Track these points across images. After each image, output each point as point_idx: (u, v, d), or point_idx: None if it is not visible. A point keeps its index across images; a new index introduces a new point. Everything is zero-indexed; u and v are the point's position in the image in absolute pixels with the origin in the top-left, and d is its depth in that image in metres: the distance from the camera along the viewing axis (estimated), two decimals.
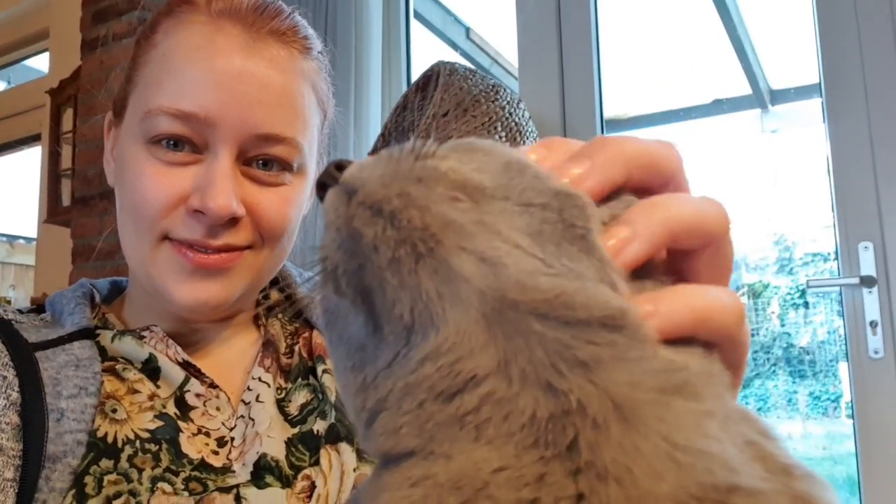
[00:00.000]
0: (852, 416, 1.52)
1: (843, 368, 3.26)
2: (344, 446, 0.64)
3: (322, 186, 0.31)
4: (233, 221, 0.62)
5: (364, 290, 0.27)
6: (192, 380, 0.65)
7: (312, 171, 0.70)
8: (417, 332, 0.26)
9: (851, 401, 1.53)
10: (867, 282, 1.53)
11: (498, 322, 0.25)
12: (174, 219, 0.62)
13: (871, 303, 1.53)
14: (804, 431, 3.50)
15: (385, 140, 1.75)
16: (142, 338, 0.66)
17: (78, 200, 2.36)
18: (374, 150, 1.71)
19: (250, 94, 0.62)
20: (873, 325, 1.52)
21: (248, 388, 0.67)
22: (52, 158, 2.65)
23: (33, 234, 3.08)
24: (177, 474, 0.59)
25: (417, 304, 0.26)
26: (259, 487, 0.60)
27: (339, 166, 0.30)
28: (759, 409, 3.65)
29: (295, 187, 0.66)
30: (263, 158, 0.64)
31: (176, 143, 0.62)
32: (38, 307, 0.73)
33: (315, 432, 0.65)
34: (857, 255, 1.54)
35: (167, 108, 0.61)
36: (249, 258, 0.65)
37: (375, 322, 0.27)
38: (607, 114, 1.86)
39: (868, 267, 1.53)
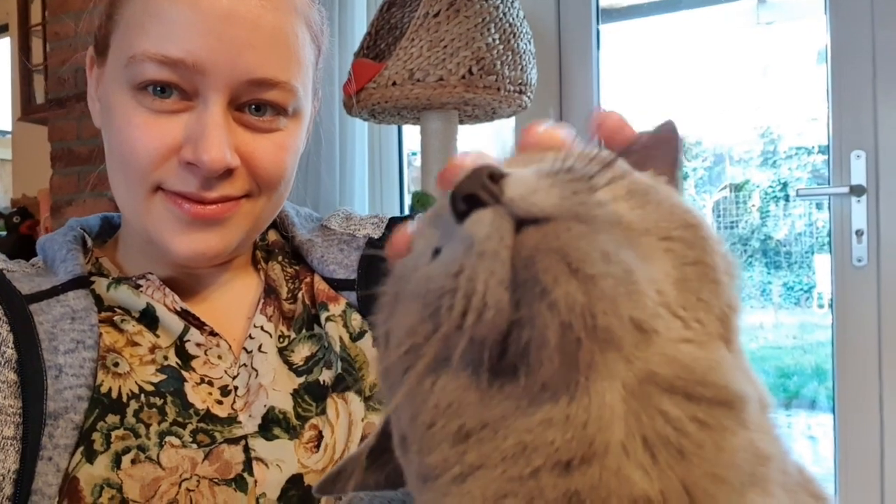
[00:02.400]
0: (832, 318, 1.56)
1: (818, 261, 3.32)
2: (352, 395, 0.64)
3: (469, 198, 0.27)
4: (228, 172, 0.60)
5: (502, 332, 0.25)
6: (192, 329, 0.64)
7: (308, 112, 0.67)
8: (547, 391, 0.25)
9: (832, 305, 1.57)
10: (857, 191, 1.53)
11: (636, 396, 0.25)
12: (167, 170, 0.60)
13: (858, 212, 1.54)
14: (776, 321, 3.60)
15: (373, 39, 1.68)
16: (138, 286, 0.65)
17: (53, 101, 2.27)
18: (360, 51, 1.64)
19: (240, 38, 0.58)
20: (859, 233, 1.54)
21: (251, 337, 0.66)
22: (23, 52, 2.54)
23: (7, 127, 2.99)
24: (184, 427, 0.59)
25: (564, 370, 0.24)
26: (267, 439, 0.61)
27: (494, 176, 0.27)
28: None
29: (290, 132, 0.64)
30: (256, 103, 0.61)
31: (163, 89, 0.59)
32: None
33: (321, 382, 0.65)
34: (848, 164, 1.54)
35: (152, 54, 0.57)
36: (247, 206, 0.63)
37: (493, 364, 0.26)
38: (602, 3, 1.80)
39: (859, 176, 1.53)
